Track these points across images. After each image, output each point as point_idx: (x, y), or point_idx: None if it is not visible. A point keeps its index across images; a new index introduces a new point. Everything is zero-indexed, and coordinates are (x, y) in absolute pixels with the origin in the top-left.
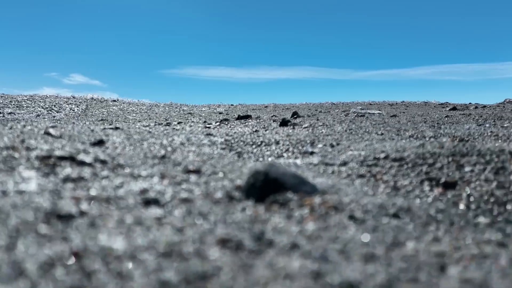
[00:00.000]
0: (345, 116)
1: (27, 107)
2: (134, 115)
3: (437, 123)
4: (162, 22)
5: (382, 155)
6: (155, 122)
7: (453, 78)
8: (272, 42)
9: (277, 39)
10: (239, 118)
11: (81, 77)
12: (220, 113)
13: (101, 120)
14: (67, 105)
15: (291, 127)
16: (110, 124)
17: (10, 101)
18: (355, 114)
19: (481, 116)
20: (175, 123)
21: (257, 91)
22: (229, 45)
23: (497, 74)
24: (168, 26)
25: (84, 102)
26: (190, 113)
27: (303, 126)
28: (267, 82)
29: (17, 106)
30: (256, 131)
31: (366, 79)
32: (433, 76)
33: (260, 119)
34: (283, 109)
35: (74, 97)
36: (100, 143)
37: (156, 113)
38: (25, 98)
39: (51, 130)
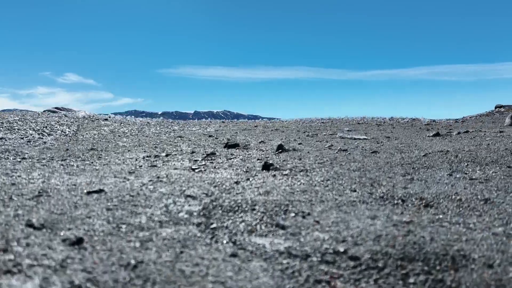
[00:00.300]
0: (329, 149)
1: (18, 129)
2: (125, 140)
3: (412, 168)
4: (159, 21)
5: (341, 249)
6: (143, 155)
7: (449, 78)
8: (269, 42)
9: (274, 39)
10: (227, 146)
11: (75, 76)
12: (210, 136)
13: (91, 149)
14: (58, 126)
15: (272, 174)
16: (98, 159)
17: (2, 123)
18: (339, 145)
19: (456, 156)
20: (164, 154)
21: (255, 91)
22: (226, 44)
23: (492, 74)
24: (165, 26)
25: (76, 122)
26: (180, 137)
27: (284, 173)
28: (264, 82)
29: (8, 129)
30: (237, 182)
31: (362, 79)
32: (429, 76)
33: (246, 152)
34: (272, 130)
35: (66, 116)
36: (79, 242)
37: (147, 136)
38: (16, 118)
39: (34, 220)
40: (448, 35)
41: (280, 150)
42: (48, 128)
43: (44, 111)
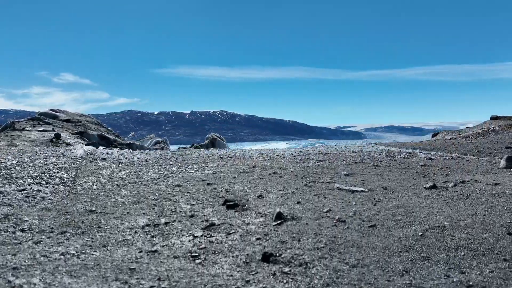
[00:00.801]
0: (327, 217)
1: (16, 177)
2: (124, 192)
3: (410, 260)
4: (156, 21)
5: None
6: (143, 222)
7: (445, 78)
8: (266, 42)
9: (271, 38)
10: (226, 205)
11: (71, 76)
12: (208, 184)
13: (90, 212)
14: (56, 171)
15: (272, 270)
16: (98, 230)
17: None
18: (337, 207)
19: (453, 239)
20: (163, 222)
21: (251, 91)
22: (223, 44)
23: (489, 75)
24: (161, 25)
25: (74, 164)
26: (178, 186)
27: (284, 270)
28: (260, 82)
29: (6, 178)
30: None
31: (358, 79)
32: (425, 76)
33: (245, 220)
34: (270, 174)
35: (63, 155)
36: None
37: (145, 185)
38: (14, 162)
39: None
40: (444, 35)
41: (279, 221)
42: (46, 174)
43: (39, 114)
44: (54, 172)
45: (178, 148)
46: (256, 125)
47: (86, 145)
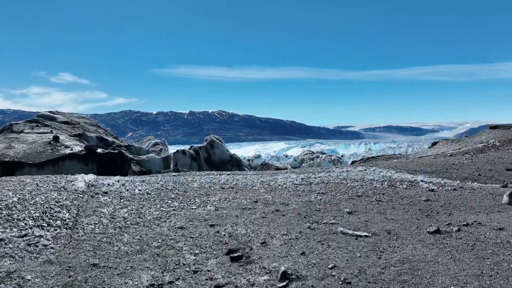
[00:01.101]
0: (332, 275)
1: (18, 219)
2: (126, 238)
3: None
4: (154, 21)
5: None
6: (146, 279)
7: (444, 78)
8: (265, 42)
9: (271, 38)
10: (229, 256)
11: (70, 76)
12: (211, 225)
13: (93, 265)
14: (58, 210)
15: None
16: None
17: (0, 209)
18: (342, 261)
19: None
20: (167, 280)
21: (250, 91)
22: (222, 44)
23: (488, 75)
24: (160, 25)
25: (75, 200)
26: (181, 228)
27: None
28: (260, 82)
29: (7, 220)
30: None
31: (357, 79)
32: (424, 76)
33: (250, 279)
34: (272, 212)
35: (65, 189)
36: None
37: (148, 227)
38: (15, 199)
39: None
40: (444, 35)
41: (284, 283)
42: (47, 214)
43: (38, 116)
44: (55, 212)
45: (177, 170)
46: (255, 125)
47: (85, 174)
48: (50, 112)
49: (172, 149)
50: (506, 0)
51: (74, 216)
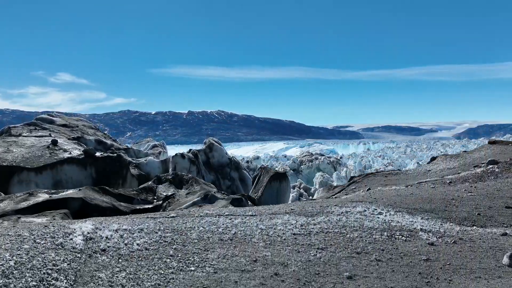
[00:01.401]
0: None
1: (14, 287)
2: None
3: None
4: (153, 21)
5: None
6: None
7: (443, 78)
8: (265, 42)
9: (270, 38)
10: None
11: (68, 76)
12: None
13: None
14: (56, 275)
15: None
16: None
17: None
18: None
19: None
20: None
21: (249, 91)
22: (221, 44)
23: (488, 75)
24: (158, 25)
25: (73, 262)
26: None
27: None
28: (259, 82)
29: (4, 285)
30: None
31: (356, 79)
32: (423, 76)
33: None
34: (272, 276)
35: (62, 246)
36: None
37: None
38: (12, 264)
39: None
40: (444, 35)
41: None
42: (44, 282)
43: (36, 119)
44: (53, 279)
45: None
46: (254, 125)
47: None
48: (48, 115)
49: (170, 149)
50: (506, 0)
51: (72, 284)
